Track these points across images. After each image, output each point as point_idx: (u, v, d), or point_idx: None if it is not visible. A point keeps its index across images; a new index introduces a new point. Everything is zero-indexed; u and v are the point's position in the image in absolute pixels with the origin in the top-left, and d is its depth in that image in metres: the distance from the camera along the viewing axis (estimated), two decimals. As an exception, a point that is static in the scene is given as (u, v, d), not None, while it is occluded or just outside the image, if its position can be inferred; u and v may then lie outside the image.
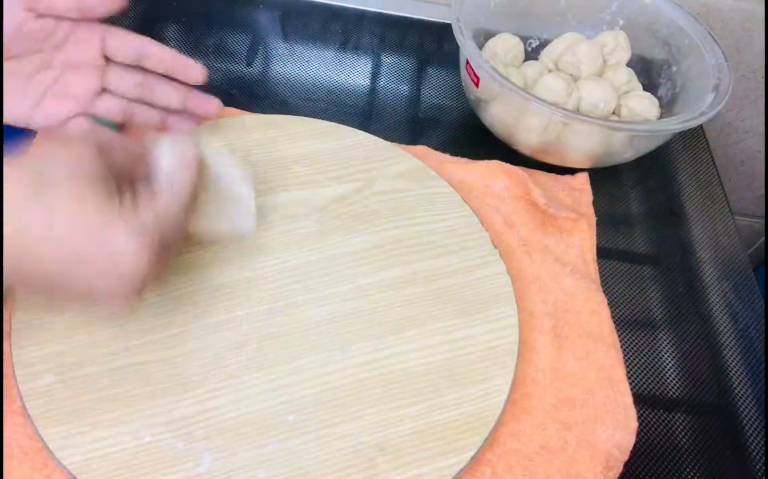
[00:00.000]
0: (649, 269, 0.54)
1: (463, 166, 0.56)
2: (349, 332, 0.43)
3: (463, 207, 0.51)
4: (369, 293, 0.46)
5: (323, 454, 0.38)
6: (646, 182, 0.61)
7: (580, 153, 0.56)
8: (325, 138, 0.55)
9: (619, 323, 0.49)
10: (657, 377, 0.47)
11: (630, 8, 0.64)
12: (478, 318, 0.45)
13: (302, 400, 0.40)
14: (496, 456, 0.40)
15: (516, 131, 0.57)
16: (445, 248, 0.49)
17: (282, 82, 0.63)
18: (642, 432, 0.43)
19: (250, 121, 0.55)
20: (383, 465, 0.38)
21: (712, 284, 0.54)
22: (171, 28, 0.67)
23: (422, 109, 0.64)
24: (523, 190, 0.54)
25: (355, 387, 0.41)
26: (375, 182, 0.52)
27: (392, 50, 0.69)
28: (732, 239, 0.58)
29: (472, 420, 0.40)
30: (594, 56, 0.60)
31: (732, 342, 0.50)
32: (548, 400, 0.43)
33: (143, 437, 0.37)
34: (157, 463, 0.37)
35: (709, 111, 0.53)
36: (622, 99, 0.60)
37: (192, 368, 0.41)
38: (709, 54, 0.59)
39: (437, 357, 0.43)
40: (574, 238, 0.53)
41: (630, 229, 0.57)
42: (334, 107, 0.62)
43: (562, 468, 0.40)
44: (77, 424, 0.37)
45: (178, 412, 0.39)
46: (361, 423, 0.39)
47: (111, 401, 0.38)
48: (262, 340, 0.42)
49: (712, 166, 0.64)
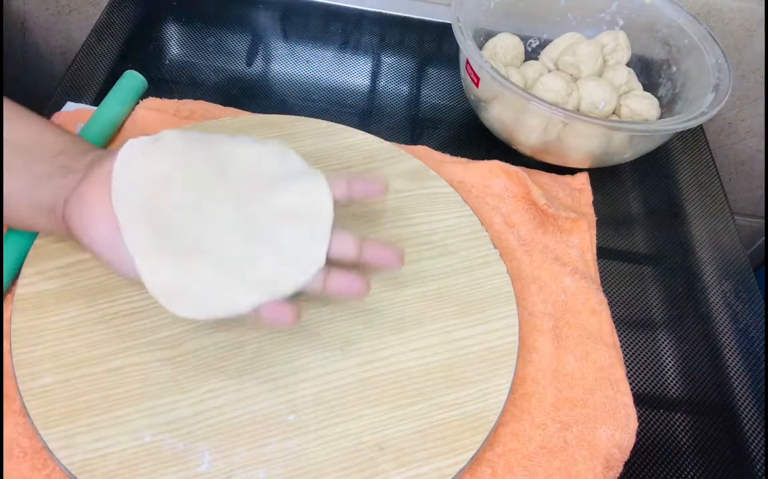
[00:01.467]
0: (649, 269, 0.54)
1: (463, 166, 0.56)
2: (349, 332, 0.43)
3: (463, 207, 0.51)
4: (369, 292, 0.45)
5: (323, 454, 0.38)
6: (646, 182, 0.61)
7: (580, 153, 0.56)
8: (325, 138, 0.55)
9: (619, 323, 0.49)
10: (657, 377, 0.47)
11: (630, 8, 0.64)
12: (478, 318, 0.45)
13: (302, 400, 0.40)
14: (496, 456, 0.40)
15: (516, 131, 0.57)
16: (445, 248, 0.49)
17: (282, 82, 0.64)
18: (642, 432, 0.43)
19: (250, 120, 0.55)
20: (383, 465, 0.38)
21: (712, 284, 0.54)
22: (171, 28, 0.67)
23: (422, 109, 0.64)
24: (523, 190, 0.54)
25: (356, 386, 0.41)
26: (375, 182, 0.52)
27: (392, 50, 0.69)
28: (732, 239, 0.58)
29: (472, 420, 0.40)
30: (594, 56, 0.60)
31: (732, 342, 0.50)
32: (548, 400, 0.43)
33: (143, 437, 0.37)
34: (158, 463, 0.37)
35: (709, 111, 0.53)
36: (622, 99, 0.60)
37: (192, 368, 0.40)
38: (709, 54, 0.59)
39: (437, 357, 0.43)
40: (574, 238, 0.52)
41: (630, 229, 0.57)
42: (334, 107, 0.62)
43: (562, 468, 0.40)
44: (77, 424, 0.37)
45: (179, 412, 0.39)
46: (361, 422, 0.39)
47: (111, 401, 0.38)
48: (262, 340, 0.42)
49: (712, 166, 0.64)
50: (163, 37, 0.66)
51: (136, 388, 0.39)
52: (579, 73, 0.60)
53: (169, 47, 0.66)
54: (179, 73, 0.63)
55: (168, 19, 0.68)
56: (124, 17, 0.67)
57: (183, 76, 0.62)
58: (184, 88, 0.61)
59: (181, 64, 0.64)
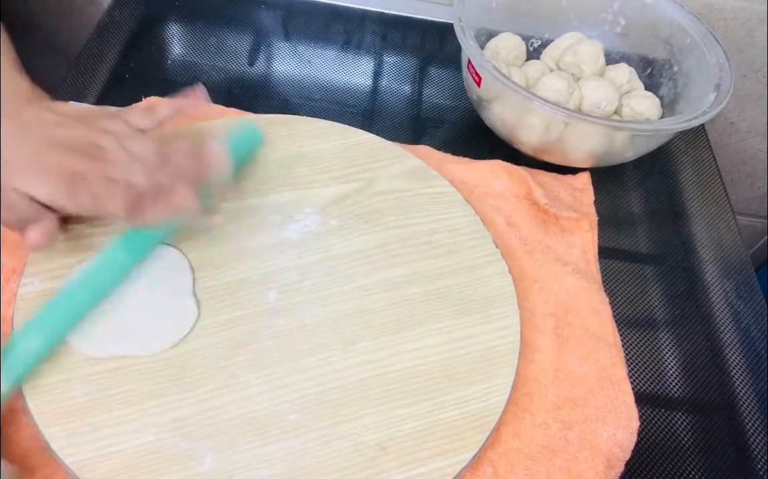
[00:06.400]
0: (650, 268, 0.54)
1: (465, 165, 0.56)
2: (350, 331, 0.43)
3: (465, 207, 0.51)
4: (370, 292, 0.46)
5: (325, 453, 0.38)
6: (647, 181, 0.61)
7: (581, 153, 0.56)
8: (327, 138, 0.55)
9: (620, 322, 0.49)
10: (658, 376, 0.47)
11: (631, 8, 0.64)
12: (480, 318, 0.45)
13: (304, 400, 0.40)
14: (497, 455, 0.40)
15: (518, 131, 0.57)
16: (446, 248, 0.49)
17: (284, 81, 0.64)
18: (643, 431, 0.43)
19: (251, 120, 0.55)
20: (385, 465, 0.38)
21: (713, 283, 0.54)
22: (173, 27, 0.67)
23: (424, 108, 0.64)
24: (525, 190, 0.54)
25: (357, 386, 0.41)
26: (377, 182, 0.52)
27: (394, 50, 0.69)
28: (734, 239, 0.57)
29: (473, 420, 0.40)
30: (595, 56, 0.60)
31: (733, 342, 0.50)
32: (550, 399, 0.43)
33: (146, 436, 0.37)
34: (160, 462, 0.37)
35: (710, 110, 0.53)
36: (624, 98, 0.60)
37: (194, 367, 0.41)
38: (711, 53, 0.59)
39: (439, 357, 0.43)
40: (575, 238, 0.52)
41: (632, 228, 0.57)
42: (336, 107, 0.62)
43: (564, 467, 0.40)
44: (80, 423, 0.37)
45: (181, 411, 0.39)
46: (362, 422, 0.39)
47: (113, 400, 0.39)
48: (263, 340, 0.42)
49: (714, 165, 0.64)
50: (165, 37, 0.66)
51: (137, 387, 0.39)
52: (580, 73, 0.60)
53: (171, 47, 0.66)
54: (181, 73, 0.63)
55: (170, 19, 0.68)
56: (126, 17, 0.67)
57: (185, 76, 0.62)
58: (186, 88, 0.61)
59: (182, 64, 0.64)
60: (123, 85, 0.60)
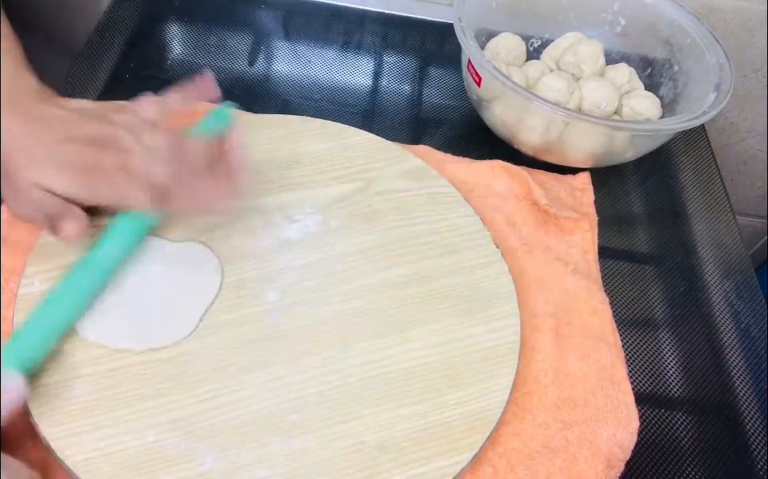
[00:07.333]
0: (650, 268, 0.54)
1: (465, 165, 0.56)
2: (351, 331, 0.43)
3: (465, 207, 0.51)
4: (371, 292, 0.46)
5: (325, 454, 0.38)
6: (647, 181, 0.61)
7: (581, 153, 0.56)
8: (327, 138, 0.55)
9: (620, 322, 0.49)
10: (658, 376, 0.47)
11: (631, 8, 0.64)
12: (480, 318, 0.45)
13: (304, 399, 0.40)
14: (497, 455, 0.40)
15: (518, 131, 0.57)
16: (446, 248, 0.49)
17: (284, 82, 0.64)
18: (643, 431, 0.43)
19: (252, 121, 0.55)
20: (385, 464, 0.38)
21: (713, 283, 0.54)
22: (173, 28, 0.67)
23: (424, 108, 0.64)
24: (525, 190, 0.54)
25: (358, 386, 0.41)
26: (377, 182, 0.52)
27: (394, 50, 0.69)
28: (734, 239, 0.58)
29: (473, 419, 0.40)
30: (595, 56, 0.60)
31: (734, 342, 0.50)
32: (550, 399, 0.43)
33: (146, 436, 0.37)
34: (160, 462, 0.37)
35: (710, 110, 0.53)
36: (624, 98, 0.60)
37: (194, 367, 0.41)
38: (711, 53, 0.59)
39: (439, 357, 0.43)
40: (575, 238, 0.53)
41: (632, 229, 0.57)
42: (336, 107, 0.62)
43: (564, 468, 0.40)
44: (80, 423, 0.37)
45: (181, 411, 0.39)
46: (363, 422, 0.39)
47: (113, 400, 0.39)
48: (264, 339, 0.42)
49: (714, 165, 0.64)
50: (165, 37, 0.66)
51: (138, 387, 0.39)
52: (580, 73, 0.60)
53: (171, 47, 0.66)
54: (181, 72, 0.63)
55: (170, 18, 0.68)
56: (126, 16, 0.67)
57: (185, 76, 0.62)
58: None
59: (182, 64, 0.64)
60: (123, 84, 0.60)
